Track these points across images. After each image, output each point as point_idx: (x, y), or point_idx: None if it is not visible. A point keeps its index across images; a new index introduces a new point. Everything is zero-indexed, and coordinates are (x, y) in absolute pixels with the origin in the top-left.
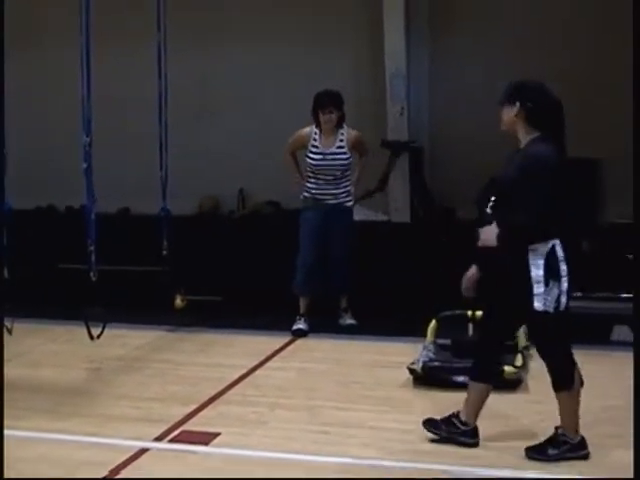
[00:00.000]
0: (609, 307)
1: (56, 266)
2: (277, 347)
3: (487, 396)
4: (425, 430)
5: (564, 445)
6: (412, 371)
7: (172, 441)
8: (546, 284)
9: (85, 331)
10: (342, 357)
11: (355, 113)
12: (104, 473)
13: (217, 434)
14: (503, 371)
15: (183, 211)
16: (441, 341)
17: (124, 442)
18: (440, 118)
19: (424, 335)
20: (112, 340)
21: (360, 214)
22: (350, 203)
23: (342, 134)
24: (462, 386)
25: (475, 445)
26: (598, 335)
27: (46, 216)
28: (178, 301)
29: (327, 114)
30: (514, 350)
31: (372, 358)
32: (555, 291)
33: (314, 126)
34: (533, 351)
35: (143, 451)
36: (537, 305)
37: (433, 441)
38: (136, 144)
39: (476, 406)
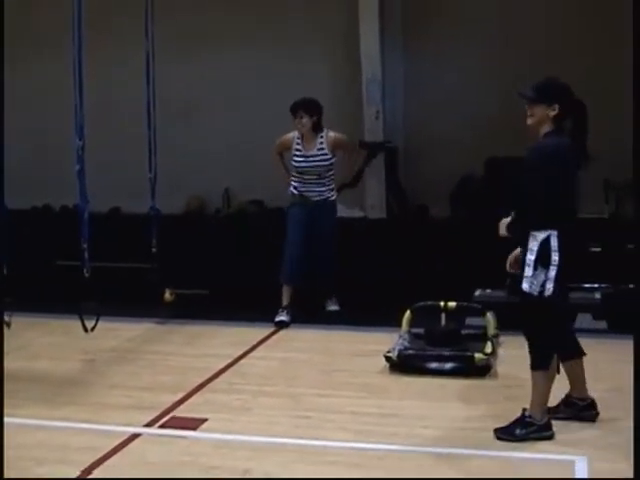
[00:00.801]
0: (574, 297)
1: (52, 263)
2: (261, 337)
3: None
4: (552, 415)
5: (531, 426)
6: (388, 359)
7: (162, 427)
8: (535, 268)
9: (80, 324)
10: (322, 346)
11: (334, 115)
12: (98, 456)
13: (204, 420)
14: (473, 358)
15: (171, 210)
16: (415, 330)
17: (117, 428)
18: (414, 120)
19: (400, 325)
20: (105, 333)
21: (338, 211)
22: (333, 198)
23: (322, 137)
24: (434, 372)
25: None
26: None
27: (42, 215)
28: (167, 295)
29: (298, 118)
30: (483, 338)
31: (351, 347)
32: (542, 277)
33: (298, 135)
34: (502, 338)
35: (135, 436)
36: (524, 286)
37: (408, 425)
38: (126, 147)
39: (581, 380)
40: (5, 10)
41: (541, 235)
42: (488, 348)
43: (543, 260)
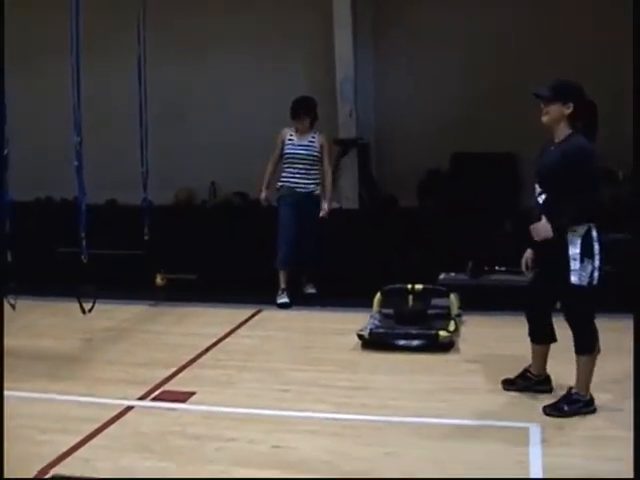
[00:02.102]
0: (528, 279)
1: (53, 250)
2: (244, 318)
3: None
4: (508, 387)
5: (577, 403)
6: (361, 337)
7: (154, 399)
8: (581, 261)
9: (78, 306)
10: (300, 326)
11: None
12: (96, 426)
13: (193, 393)
14: (438, 335)
15: (162, 202)
16: (385, 311)
17: (113, 401)
18: (384, 118)
19: (371, 306)
20: (101, 314)
21: None
22: (317, 192)
23: (314, 135)
24: (402, 349)
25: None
26: (518, 302)
27: (44, 207)
28: (158, 279)
29: (299, 120)
30: (447, 317)
31: (326, 326)
32: (589, 267)
33: (294, 128)
34: (465, 318)
35: (129, 408)
36: (573, 279)
37: (379, 397)
38: (121, 143)
39: (543, 360)
40: (15, 30)
41: (582, 229)
42: (451, 326)
43: (587, 252)
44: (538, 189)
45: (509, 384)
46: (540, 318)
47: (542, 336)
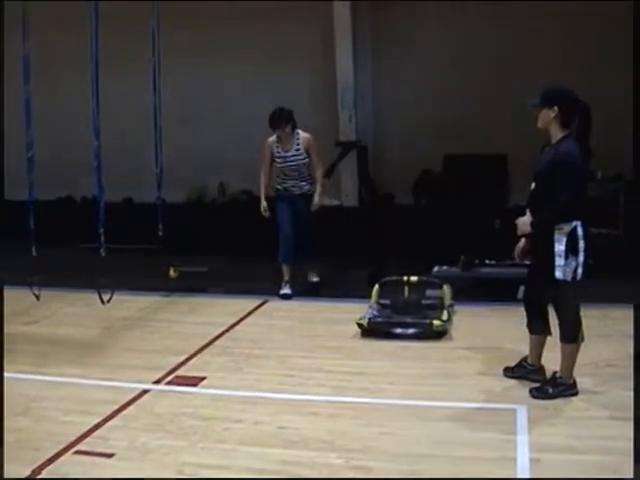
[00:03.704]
0: (516, 272)
1: (74, 245)
2: (251, 308)
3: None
4: (505, 373)
5: (561, 386)
6: (360, 325)
7: (168, 384)
8: (566, 257)
9: (98, 297)
10: (304, 315)
11: (313, 119)
12: (115, 408)
13: (203, 378)
14: (432, 324)
15: (175, 200)
16: (383, 301)
17: (130, 385)
18: (382, 122)
19: (369, 297)
20: (119, 304)
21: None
22: (311, 192)
23: (298, 138)
24: (399, 337)
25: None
26: (507, 293)
27: (65, 205)
28: (171, 272)
29: (280, 129)
30: (441, 307)
31: (328, 316)
32: (573, 264)
33: (275, 135)
34: (456, 308)
35: (145, 392)
36: (558, 274)
37: (376, 382)
38: (137, 146)
39: (539, 352)
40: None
41: (568, 227)
42: (444, 316)
43: (572, 249)
44: (533, 185)
45: (509, 371)
46: (534, 311)
47: (536, 328)
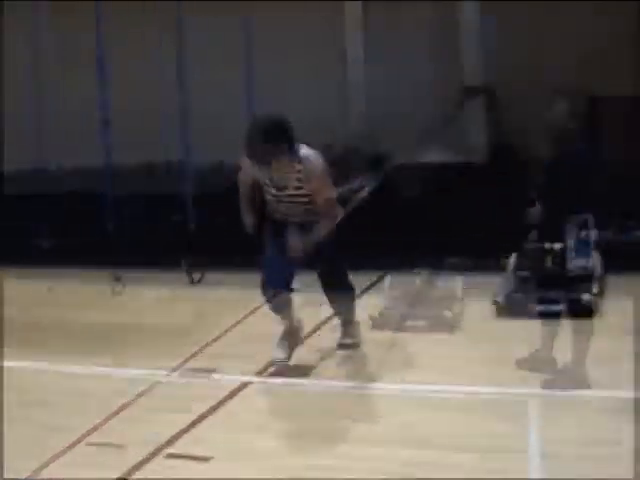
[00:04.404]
0: None
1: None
2: None
3: None
4: None
5: (572, 380)
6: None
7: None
8: (577, 250)
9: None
10: None
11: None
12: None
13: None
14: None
15: None
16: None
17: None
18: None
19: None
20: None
21: None
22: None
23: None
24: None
25: None
26: None
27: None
28: None
29: None
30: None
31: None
32: (584, 255)
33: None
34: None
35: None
36: (570, 266)
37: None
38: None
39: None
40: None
41: (579, 219)
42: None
43: (582, 241)
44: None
45: None
46: None
47: None
